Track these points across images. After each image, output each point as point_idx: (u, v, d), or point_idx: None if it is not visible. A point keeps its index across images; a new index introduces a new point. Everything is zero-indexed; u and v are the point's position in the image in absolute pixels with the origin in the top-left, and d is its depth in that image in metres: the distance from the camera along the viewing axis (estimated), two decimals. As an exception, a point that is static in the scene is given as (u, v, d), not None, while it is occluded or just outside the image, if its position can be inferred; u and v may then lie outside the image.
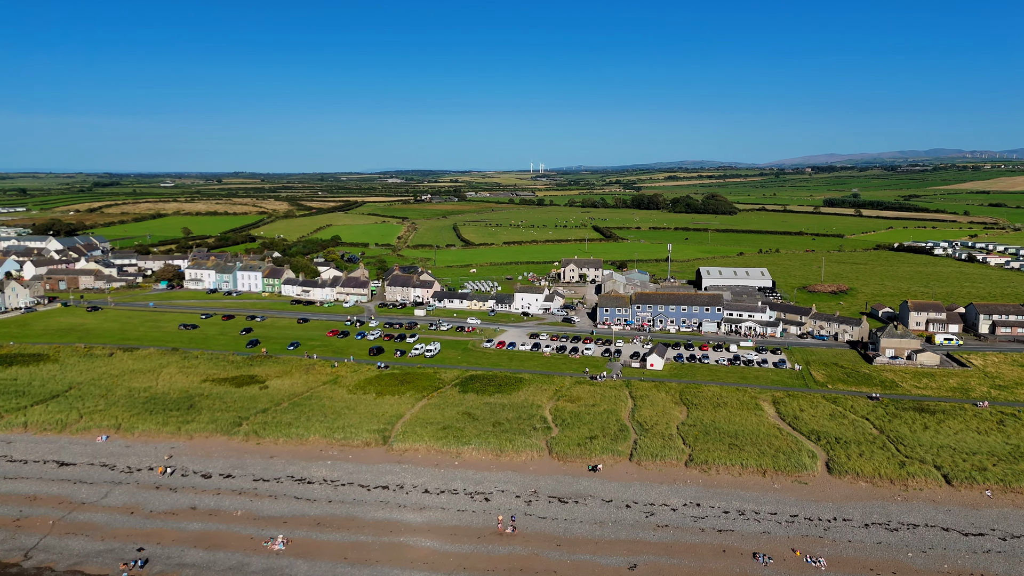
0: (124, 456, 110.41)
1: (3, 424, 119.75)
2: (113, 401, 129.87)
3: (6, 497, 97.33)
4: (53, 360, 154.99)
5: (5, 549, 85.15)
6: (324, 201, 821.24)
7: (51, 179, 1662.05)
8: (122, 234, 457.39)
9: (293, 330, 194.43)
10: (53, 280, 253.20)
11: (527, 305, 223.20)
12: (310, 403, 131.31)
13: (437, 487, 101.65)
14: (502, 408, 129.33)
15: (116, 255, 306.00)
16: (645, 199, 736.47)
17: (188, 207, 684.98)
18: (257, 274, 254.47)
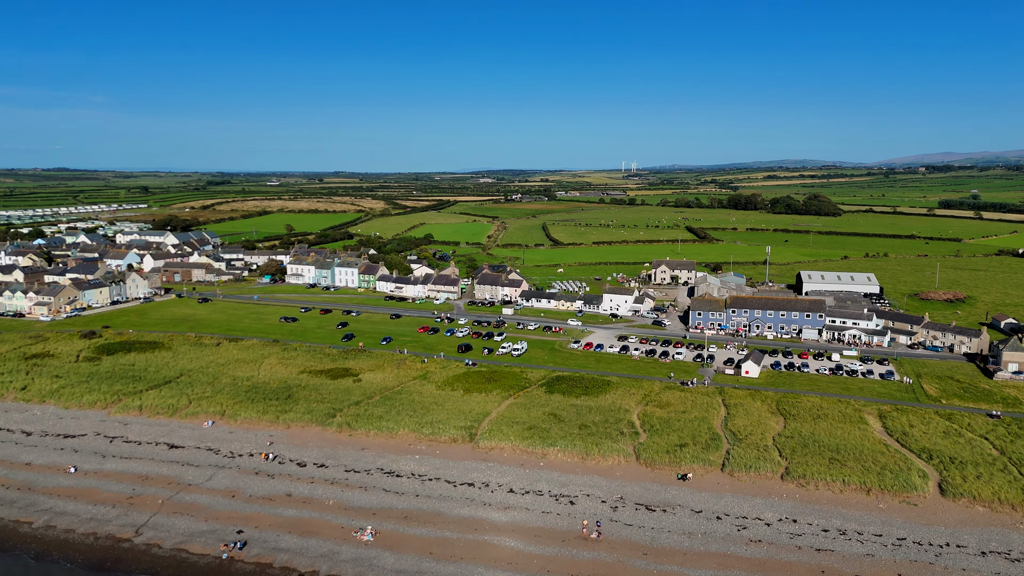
0: (227, 441, 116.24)
1: (121, 407, 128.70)
2: (219, 388, 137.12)
3: (121, 475, 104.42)
4: (167, 348, 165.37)
5: (119, 524, 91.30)
6: (418, 200, 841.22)
7: (170, 178, 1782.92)
8: (231, 230, 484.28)
9: (386, 325, 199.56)
10: (169, 272, 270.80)
11: (616, 306, 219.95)
12: (400, 397, 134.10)
13: (522, 487, 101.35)
14: (588, 411, 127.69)
15: (225, 250, 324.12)
16: (742, 199, 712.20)
17: (291, 205, 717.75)
18: (354, 270, 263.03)
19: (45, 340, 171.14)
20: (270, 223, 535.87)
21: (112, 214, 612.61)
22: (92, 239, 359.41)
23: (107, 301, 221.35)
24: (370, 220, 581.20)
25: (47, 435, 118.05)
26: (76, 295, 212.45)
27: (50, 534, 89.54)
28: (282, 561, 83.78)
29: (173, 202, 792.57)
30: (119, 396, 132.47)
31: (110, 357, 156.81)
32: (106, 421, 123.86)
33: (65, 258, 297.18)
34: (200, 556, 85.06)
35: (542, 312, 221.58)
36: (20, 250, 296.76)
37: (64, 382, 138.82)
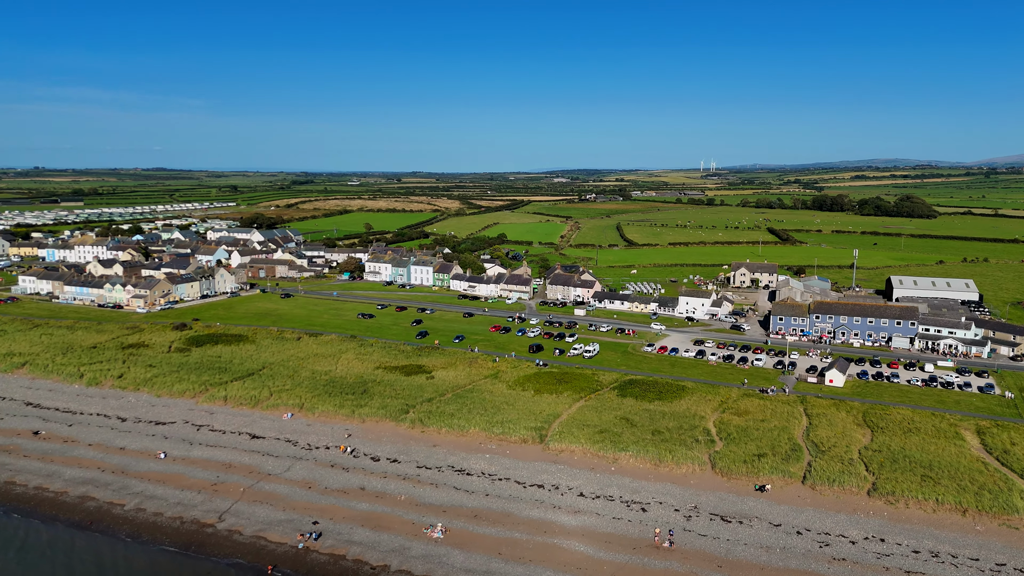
0: (305, 434, 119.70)
1: (208, 396, 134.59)
2: (298, 382, 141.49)
3: (207, 463, 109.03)
4: (251, 341, 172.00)
5: (204, 510, 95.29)
6: (492, 200, 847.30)
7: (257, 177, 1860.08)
8: (313, 228, 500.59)
9: (459, 324, 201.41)
10: (254, 268, 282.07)
11: (692, 309, 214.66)
12: (472, 396, 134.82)
13: (592, 491, 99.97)
14: (662, 416, 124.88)
15: (307, 247, 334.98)
16: (828, 200, 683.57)
17: (370, 204, 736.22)
18: (428, 269, 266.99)
19: (141, 331, 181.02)
20: (350, 222, 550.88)
21: (204, 212, 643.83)
22: (185, 235, 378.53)
23: (197, 295, 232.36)
24: (445, 219, 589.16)
25: (140, 421, 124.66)
26: (169, 289, 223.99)
27: (140, 516, 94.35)
28: (355, 554, 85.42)
29: (260, 201, 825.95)
30: (206, 386, 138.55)
31: (199, 349, 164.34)
32: (194, 410, 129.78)
33: (161, 253, 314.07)
34: (278, 544, 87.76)
35: (615, 314, 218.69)
36: (120, 245, 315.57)
37: (157, 371, 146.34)
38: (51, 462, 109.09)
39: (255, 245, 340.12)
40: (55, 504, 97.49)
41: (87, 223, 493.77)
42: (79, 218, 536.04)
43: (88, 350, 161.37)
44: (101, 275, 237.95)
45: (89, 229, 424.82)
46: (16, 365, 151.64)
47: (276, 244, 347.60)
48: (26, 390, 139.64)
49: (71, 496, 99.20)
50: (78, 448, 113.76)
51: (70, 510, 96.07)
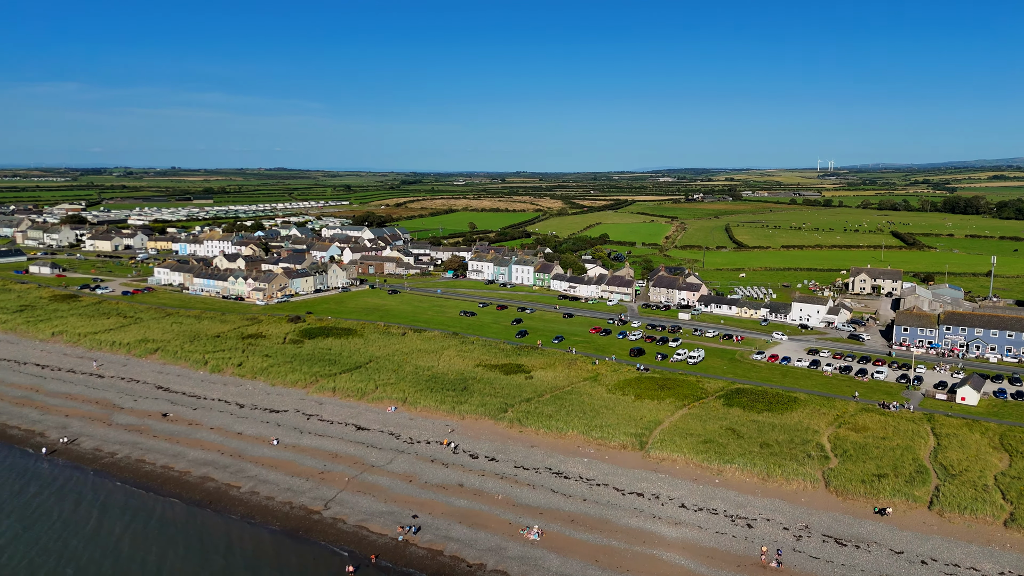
0: (407, 427, 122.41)
1: (318, 387, 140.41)
2: (402, 376, 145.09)
3: (315, 451, 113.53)
4: (359, 335, 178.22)
5: (311, 497, 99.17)
6: (595, 200, 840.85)
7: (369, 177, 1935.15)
8: (420, 226, 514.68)
9: (558, 324, 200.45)
10: (364, 265, 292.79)
11: (806, 316, 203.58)
12: (570, 398, 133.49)
13: (695, 503, 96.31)
14: (771, 428, 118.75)
15: (414, 245, 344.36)
16: (961, 202, 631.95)
17: (475, 203, 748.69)
18: (529, 268, 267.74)
19: (259, 322, 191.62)
20: (455, 221, 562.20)
21: (320, 210, 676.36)
22: (302, 232, 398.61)
23: (311, 289, 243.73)
24: (547, 219, 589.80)
25: (256, 408, 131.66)
26: (286, 283, 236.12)
27: (254, 499, 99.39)
28: (452, 550, 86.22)
29: (371, 200, 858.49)
30: (316, 377, 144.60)
31: (311, 341, 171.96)
32: (304, 399, 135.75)
33: (279, 249, 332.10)
34: (379, 535, 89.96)
35: (722, 319, 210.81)
36: (243, 241, 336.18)
37: (272, 361, 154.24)
38: (176, 443, 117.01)
39: (365, 243, 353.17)
40: (179, 483, 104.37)
41: (215, 219, 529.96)
42: (208, 215, 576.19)
43: (212, 339, 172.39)
44: (226, 268, 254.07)
45: (217, 225, 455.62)
46: (149, 351, 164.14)
47: (385, 242, 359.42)
48: (157, 374, 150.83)
49: (193, 476, 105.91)
50: (200, 431, 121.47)
51: (192, 489, 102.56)
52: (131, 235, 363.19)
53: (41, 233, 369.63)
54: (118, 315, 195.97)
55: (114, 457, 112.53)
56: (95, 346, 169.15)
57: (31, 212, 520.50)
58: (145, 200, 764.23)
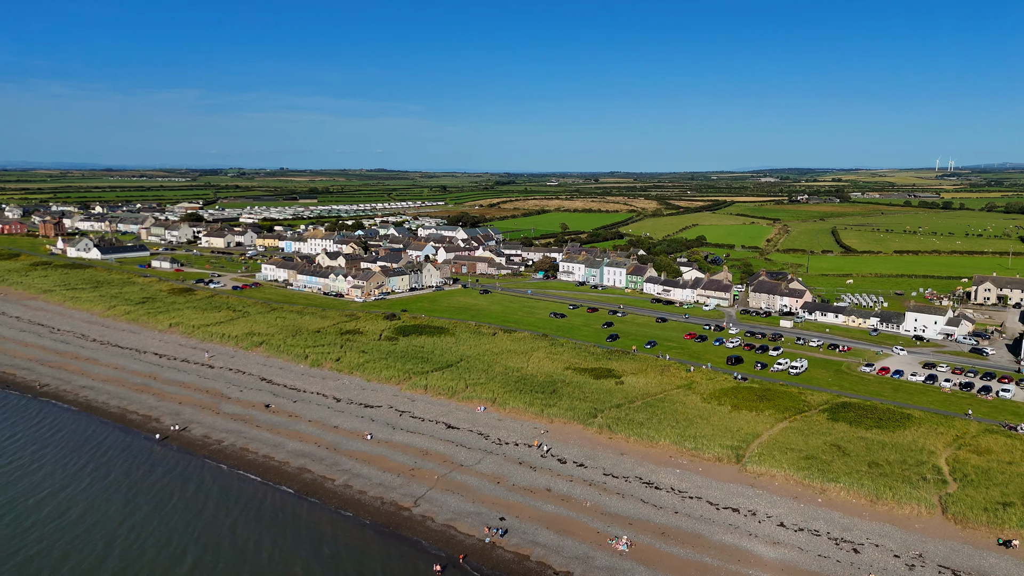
0: (496, 428, 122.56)
1: (410, 384, 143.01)
2: (492, 376, 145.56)
3: (406, 448, 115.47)
4: (451, 334, 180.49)
5: (401, 493, 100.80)
6: (692, 200, 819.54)
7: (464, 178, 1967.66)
8: (512, 227, 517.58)
9: (651, 328, 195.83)
10: (457, 264, 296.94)
11: (921, 327, 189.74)
12: (662, 405, 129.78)
13: (795, 523, 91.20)
14: (881, 447, 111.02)
15: (506, 246, 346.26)
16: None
17: (567, 204, 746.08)
18: (622, 270, 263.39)
19: (357, 319, 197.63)
20: (547, 221, 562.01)
21: (416, 210, 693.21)
22: (399, 232, 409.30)
23: (407, 287, 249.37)
24: (641, 220, 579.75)
25: (352, 403, 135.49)
26: (383, 281, 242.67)
27: (347, 492, 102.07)
28: (539, 556, 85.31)
29: (465, 200, 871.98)
30: (409, 375, 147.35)
31: (405, 338, 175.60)
32: (398, 396, 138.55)
33: (377, 247, 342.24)
34: (466, 536, 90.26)
35: (827, 328, 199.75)
36: (344, 240, 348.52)
37: (368, 357, 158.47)
38: (277, 434, 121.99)
39: (459, 242, 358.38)
40: (278, 473, 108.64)
41: (319, 218, 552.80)
42: (312, 214, 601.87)
43: (313, 334, 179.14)
44: (327, 266, 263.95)
45: (320, 224, 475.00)
46: (255, 344, 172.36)
47: (478, 242, 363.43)
48: (261, 366, 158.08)
49: (291, 467, 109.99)
50: (300, 423, 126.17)
51: (290, 480, 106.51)
52: (242, 233, 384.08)
53: (163, 230, 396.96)
54: (228, 309, 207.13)
55: (221, 445, 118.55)
56: (207, 338, 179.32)
57: (155, 210, 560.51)
58: (255, 199, 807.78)
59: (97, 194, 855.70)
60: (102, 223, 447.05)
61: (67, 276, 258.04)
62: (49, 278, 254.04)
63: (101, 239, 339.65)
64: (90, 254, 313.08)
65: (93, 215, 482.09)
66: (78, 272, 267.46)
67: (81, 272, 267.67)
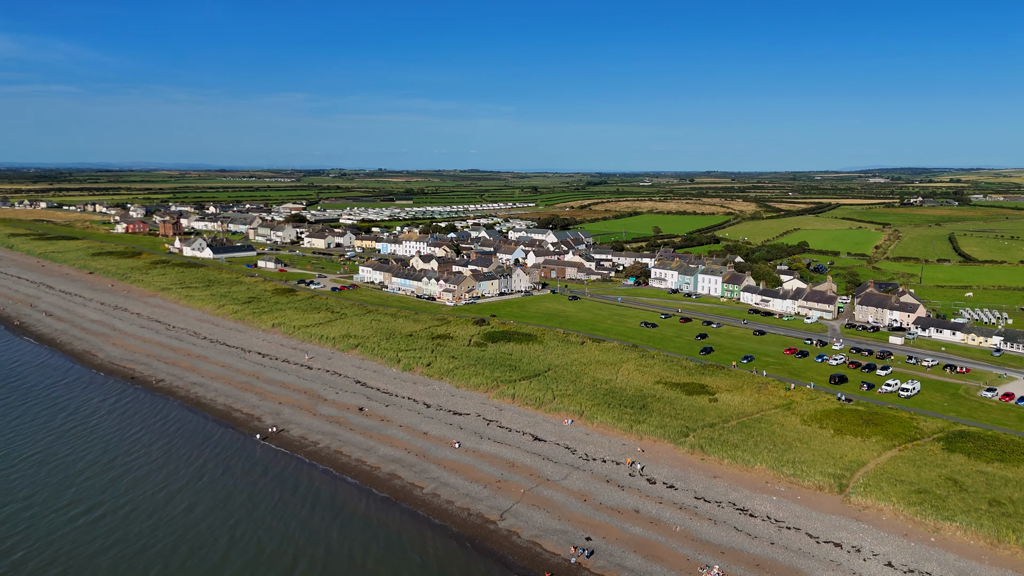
0: (583, 443, 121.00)
1: (498, 393, 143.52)
2: (579, 388, 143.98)
3: (493, 458, 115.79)
4: (539, 341, 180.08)
5: (487, 506, 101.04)
6: (793, 203, 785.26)
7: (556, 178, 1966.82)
8: (603, 229, 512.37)
9: (747, 342, 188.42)
10: (546, 269, 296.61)
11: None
12: (759, 426, 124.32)
13: (904, 563, 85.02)
14: (1004, 483, 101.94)
15: (596, 250, 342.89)
16: None
17: (660, 206, 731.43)
18: (717, 278, 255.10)
19: (448, 323, 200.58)
20: (639, 224, 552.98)
21: (507, 212, 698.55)
22: (490, 235, 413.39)
23: (496, 292, 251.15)
24: (739, 223, 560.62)
25: (441, 409, 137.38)
26: (473, 285, 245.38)
27: (435, 501, 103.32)
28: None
29: (556, 202, 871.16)
30: (497, 383, 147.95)
31: (494, 344, 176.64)
32: (485, 404, 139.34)
33: (468, 250, 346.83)
34: (551, 554, 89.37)
35: (942, 346, 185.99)
36: (437, 242, 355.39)
37: (457, 363, 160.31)
38: (370, 437, 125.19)
39: (549, 246, 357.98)
40: (370, 477, 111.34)
41: (413, 220, 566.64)
42: (408, 215, 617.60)
43: (405, 337, 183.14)
44: (420, 269, 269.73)
45: (414, 226, 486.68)
46: (351, 346, 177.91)
47: (568, 245, 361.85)
48: (356, 369, 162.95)
49: (382, 472, 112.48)
50: (391, 428, 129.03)
51: (381, 484, 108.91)
52: (341, 234, 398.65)
53: (268, 231, 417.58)
54: (327, 310, 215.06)
55: (316, 446, 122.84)
56: (306, 339, 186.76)
57: (262, 211, 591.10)
58: (354, 200, 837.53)
59: (211, 194, 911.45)
60: (215, 223, 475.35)
61: (182, 275, 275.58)
62: (167, 276, 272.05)
63: (213, 239, 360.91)
64: (203, 253, 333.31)
65: (207, 215, 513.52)
66: (192, 271, 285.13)
67: (195, 271, 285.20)
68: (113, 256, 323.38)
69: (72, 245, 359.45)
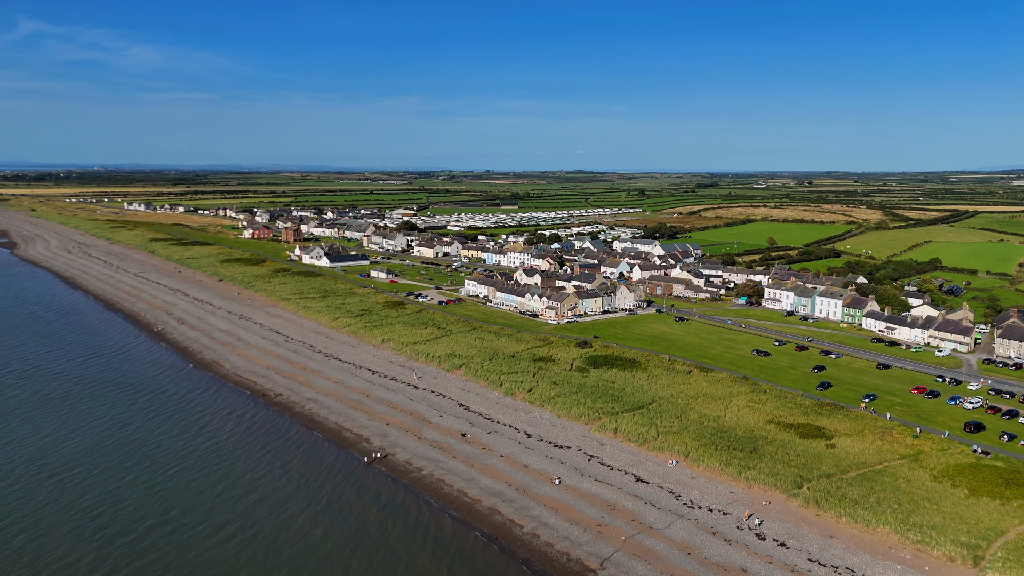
0: (688, 487, 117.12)
1: (600, 425, 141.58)
2: (685, 425, 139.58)
3: (594, 499, 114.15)
4: (643, 368, 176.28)
5: (587, 552, 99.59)
6: (923, 210, 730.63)
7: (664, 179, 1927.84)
8: (713, 239, 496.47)
9: (870, 376, 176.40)
10: (652, 285, 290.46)
11: None
12: (882, 480, 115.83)
13: (1050, 661, 76.42)
14: None
15: (704, 265, 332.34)
16: None
17: (775, 213, 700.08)
18: (837, 302, 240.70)
19: (550, 344, 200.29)
20: (752, 233, 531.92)
21: (613, 218, 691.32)
22: (594, 245, 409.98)
23: (599, 310, 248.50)
24: (861, 234, 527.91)
25: (542, 440, 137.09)
26: (576, 303, 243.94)
27: (534, 542, 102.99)
28: (729, 652, 79.73)
29: (663, 207, 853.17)
30: (599, 414, 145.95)
31: (596, 370, 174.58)
32: (586, 437, 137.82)
33: (572, 262, 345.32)
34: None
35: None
36: (541, 254, 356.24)
37: (559, 390, 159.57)
38: (471, 467, 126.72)
39: (655, 259, 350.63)
40: (471, 511, 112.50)
41: (519, 227, 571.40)
42: (513, 221, 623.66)
43: (508, 359, 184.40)
44: (524, 284, 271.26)
45: (519, 234, 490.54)
46: (455, 366, 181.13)
47: (675, 259, 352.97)
48: (460, 391, 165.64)
49: (483, 506, 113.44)
50: (492, 458, 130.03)
51: (481, 520, 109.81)
52: (449, 243, 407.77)
53: (381, 239, 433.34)
54: (433, 326, 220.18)
55: (420, 473, 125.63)
56: (413, 356, 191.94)
57: (375, 216, 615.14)
58: (462, 205, 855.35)
59: (329, 198, 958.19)
60: (332, 229, 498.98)
61: (301, 284, 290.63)
62: (287, 285, 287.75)
63: (331, 247, 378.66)
64: (320, 262, 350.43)
65: (325, 221, 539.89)
66: (310, 280, 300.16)
67: (312, 280, 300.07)
68: (240, 263, 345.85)
69: (204, 251, 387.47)
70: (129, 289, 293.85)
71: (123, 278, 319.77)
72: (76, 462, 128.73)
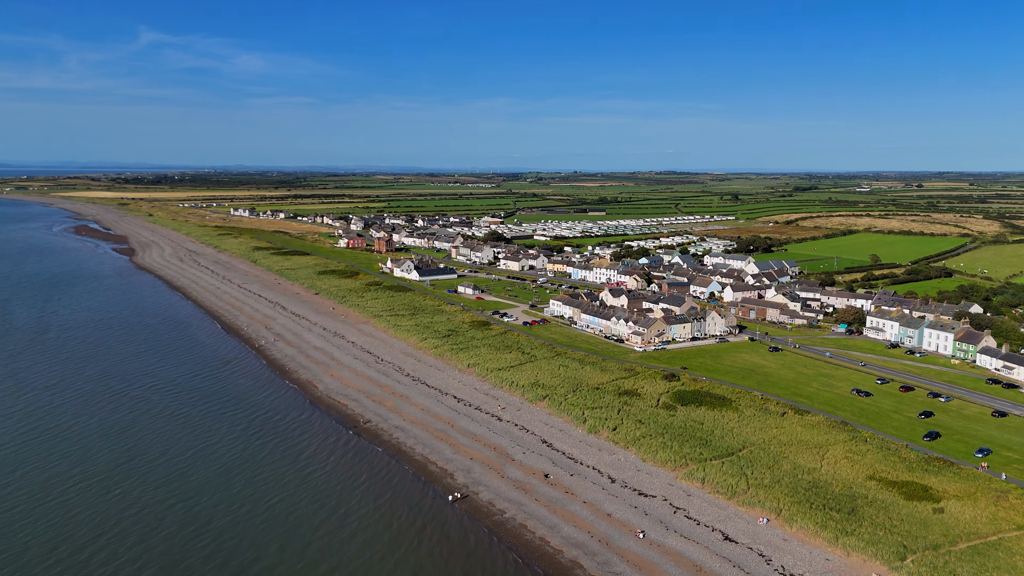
0: (780, 551, 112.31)
1: (687, 473, 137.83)
2: (778, 477, 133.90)
3: (679, 558, 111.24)
4: (733, 408, 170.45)
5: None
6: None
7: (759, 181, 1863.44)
8: (811, 253, 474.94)
9: (984, 425, 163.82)
10: (745, 308, 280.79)
11: None
12: (995, 554, 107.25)
13: None
14: None
15: (801, 287, 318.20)
16: None
17: (880, 224, 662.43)
18: (948, 335, 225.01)
19: (636, 375, 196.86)
20: (853, 246, 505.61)
21: (704, 227, 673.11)
22: (684, 261, 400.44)
23: (688, 336, 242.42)
24: (977, 248, 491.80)
25: (626, 487, 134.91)
26: (664, 329, 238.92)
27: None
28: None
29: (758, 214, 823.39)
30: (686, 460, 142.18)
31: (683, 408, 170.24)
32: (672, 486, 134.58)
33: (660, 280, 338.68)
34: None
35: None
36: (628, 270, 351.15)
37: (645, 431, 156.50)
38: (553, 512, 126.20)
39: (748, 278, 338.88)
40: (553, 562, 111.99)
41: (605, 237, 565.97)
42: (600, 231, 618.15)
43: (592, 391, 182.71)
44: (610, 306, 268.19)
45: (606, 245, 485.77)
46: (539, 397, 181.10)
47: (769, 279, 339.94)
48: (543, 425, 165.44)
49: (565, 557, 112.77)
50: (574, 504, 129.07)
51: (564, 574, 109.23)
52: (535, 256, 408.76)
53: (469, 251, 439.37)
54: (518, 350, 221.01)
55: (503, 516, 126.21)
56: (498, 383, 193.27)
57: (464, 224, 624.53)
58: (548, 211, 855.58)
59: (420, 203, 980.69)
60: (422, 239, 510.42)
61: (392, 300, 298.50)
62: (379, 301, 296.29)
63: (420, 260, 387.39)
64: (411, 275, 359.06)
65: (416, 230, 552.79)
66: (400, 296, 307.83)
67: (403, 296, 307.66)
68: (335, 275, 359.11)
69: (303, 261, 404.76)
70: (233, 301, 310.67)
71: (228, 289, 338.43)
72: (204, 488, 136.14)
